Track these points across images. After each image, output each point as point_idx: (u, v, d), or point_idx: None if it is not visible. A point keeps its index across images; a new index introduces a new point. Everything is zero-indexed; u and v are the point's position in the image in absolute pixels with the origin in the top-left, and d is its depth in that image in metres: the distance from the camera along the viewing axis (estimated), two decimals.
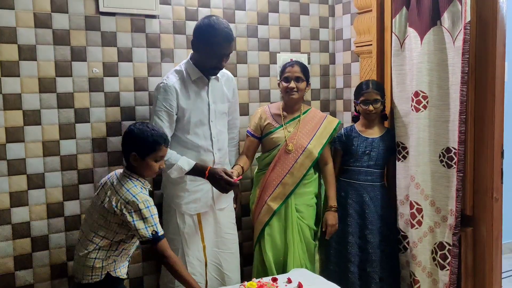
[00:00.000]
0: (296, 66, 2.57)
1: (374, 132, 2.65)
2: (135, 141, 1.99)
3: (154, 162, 2.01)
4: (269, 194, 2.57)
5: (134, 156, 1.99)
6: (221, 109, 2.46)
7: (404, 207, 2.59)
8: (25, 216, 2.32)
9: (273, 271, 2.54)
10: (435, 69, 2.37)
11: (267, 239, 2.57)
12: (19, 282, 2.32)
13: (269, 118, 2.62)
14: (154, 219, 1.93)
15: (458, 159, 2.29)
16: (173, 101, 2.27)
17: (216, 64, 2.31)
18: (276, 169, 2.58)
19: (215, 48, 2.24)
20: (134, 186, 1.97)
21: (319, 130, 2.63)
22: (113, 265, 2.03)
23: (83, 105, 2.43)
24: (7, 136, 2.26)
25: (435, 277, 2.44)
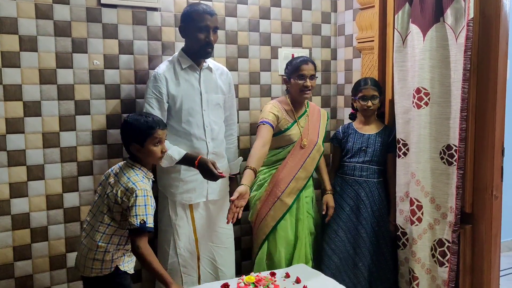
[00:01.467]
0: (310, 63, 2.56)
1: (371, 128, 2.67)
2: (131, 131, 2.02)
3: (153, 147, 2.02)
4: (282, 189, 2.56)
5: (135, 146, 2.01)
6: (214, 99, 2.47)
7: (404, 203, 2.59)
8: (24, 207, 2.32)
9: (282, 264, 2.55)
10: (437, 66, 2.36)
11: (281, 235, 2.57)
12: (18, 272, 2.32)
13: (284, 113, 2.61)
14: (147, 209, 1.91)
15: (458, 156, 2.28)
16: (163, 88, 2.32)
17: (205, 39, 2.33)
18: (289, 164, 2.58)
19: (200, 23, 2.30)
20: (135, 175, 1.98)
21: (321, 123, 2.70)
22: (122, 259, 2.04)
23: (84, 97, 2.43)
24: (7, 127, 2.26)
25: (434, 273, 2.44)
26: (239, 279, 2.13)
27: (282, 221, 2.57)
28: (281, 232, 2.57)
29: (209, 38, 2.34)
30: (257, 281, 2.08)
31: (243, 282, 2.09)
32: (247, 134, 2.91)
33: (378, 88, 2.63)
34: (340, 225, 2.63)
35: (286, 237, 2.59)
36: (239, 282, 2.10)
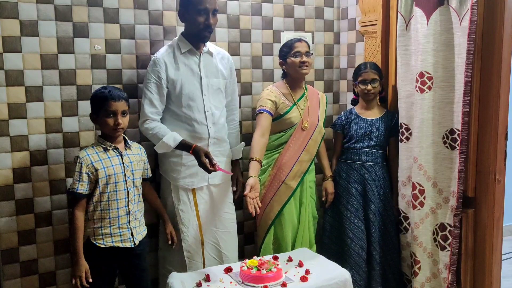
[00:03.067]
0: (303, 41, 2.58)
1: (373, 113, 2.67)
2: (91, 102, 2.17)
3: (106, 118, 2.11)
4: (286, 173, 2.56)
5: (93, 116, 2.17)
6: (214, 84, 2.46)
7: (406, 188, 2.59)
8: (28, 192, 2.33)
9: (289, 248, 2.57)
10: (440, 49, 2.35)
11: (287, 219, 2.58)
12: (23, 257, 2.34)
13: (282, 97, 2.60)
14: (76, 175, 2.06)
15: (461, 141, 2.28)
16: (162, 73, 2.32)
17: (204, 21, 2.31)
18: (292, 147, 2.58)
19: (198, 5, 2.28)
20: (88, 147, 2.15)
21: (320, 105, 2.70)
22: (92, 231, 2.12)
23: (85, 82, 2.42)
24: (9, 112, 2.26)
25: (436, 257, 2.46)
26: (242, 263, 2.14)
27: (288, 205, 2.58)
28: (287, 216, 2.58)
29: (208, 21, 2.32)
30: (260, 265, 2.10)
31: (246, 266, 2.11)
32: (249, 119, 2.90)
33: (379, 72, 2.63)
34: (352, 211, 2.61)
35: (292, 220, 2.60)
36: (242, 266, 2.12)
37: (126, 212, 2.16)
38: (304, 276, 2.11)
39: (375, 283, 2.60)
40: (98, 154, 2.12)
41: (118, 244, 2.14)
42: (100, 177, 2.08)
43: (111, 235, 2.13)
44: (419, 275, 2.51)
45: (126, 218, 2.16)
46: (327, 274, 2.15)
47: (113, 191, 2.12)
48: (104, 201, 2.11)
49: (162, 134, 2.29)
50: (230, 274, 2.16)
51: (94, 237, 2.12)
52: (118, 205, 2.13)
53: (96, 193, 2.10)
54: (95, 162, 2.09)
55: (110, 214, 2.12)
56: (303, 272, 2.15)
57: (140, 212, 2.26)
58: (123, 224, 2.15)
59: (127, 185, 2.16)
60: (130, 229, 2.17)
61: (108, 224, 2.12)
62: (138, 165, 2.23)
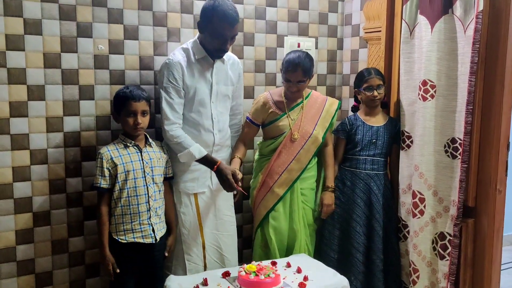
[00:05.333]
0: (299, 70, 2.44)
1: (378, 120, 2.64)
2: (114, 101, 2.25)
3: (127, 117, 2.18)
4: (274, 180, 2.55)
5: (114, 115, 2.26)
6: (223, 91, 2.46)
7: (406, 196, 2.58)
8: (27, 191, 2.32)
9: (277, 255, 2.55)
10: (444, 58, 2.34)
11: (272, 224, 2.57)
12: (20, 256, 2.33)
13: (273, 106, 2.57)
14: (98, 171, 2.16)
15: (463, 150, 2.27)
16: (180, 77, 2.30)
17: (220, 46, 2.30)
18: (282, 155, 2.56)
19: (218, 30, 2.24)
20: (110, 144, 2.24)
21: (322, 114, 2.61)
22: (115, 227, 2.18)
23: (88, 82, 2.41)
24: (11, 111, 2.25)
25: (435, 266, 2.45)
26: (240, 268, 2.14)
27: (273, 212, 2.57)
28: (272, 221, 2.57)
29: (225, 46, 2.31)
30: (258, 270, 2.09)
31: (244, 270, 2.10)
32: None
33: (382, 77, 2.61)
34: (357, 221, 2.57)
35: (279, 227, 2.57)
36: (240, 270, 2.11)
37: (147, 208, 2.20)
38: (302, 283, 2.10)
39: None
40: (119, 150, 2.20)
41: (139, 240, 2.19)
42: (119, 173, 2.15)
43: (132, 230, 2.18)
44: (418, 283, 2.49)
45: (147, 214, 2.20)
46: (325, 281, 2.15)
47: (132, 187, 2.17)
48: (124, 197, 2.16)
49: (188, 144, 2.28)
50: (228, 278, 2.15)
51: (116, 232, 2.18)
52: (139, 201, 2.18)
53: (116, 189, 2.16)
54: (115, 157, 2.17)
55: (131, 210, 2.17)
56: (301, 278, 2.14)
57: (161, 209, 2.30)
58: (144, 220, 2.19)
59: (146, 181, 2.20)
60: (151, 225, 2.22)
61: (129, 220, 2.18)
62: (158, 162, 2.27)
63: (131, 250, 2.20)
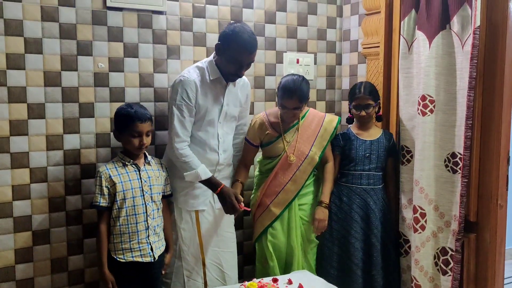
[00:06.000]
0: (295, 98, 2.41)
1: (371, 134, 2.62)
2: (116, 119, 2.23)
3: (131, 138, 2.16)
4: (271, 199, 2.55)
5: (116, 133, 2.22)
6: (232, 112, 2.47)
7: (407, 211, 2.57)
8: (26, 210, 2.31)
9: (276, 272, 2.53)
10: (442, 73, 2.36)
11: (270, 240, 2.56)
12: (20, 275, 2.31)
13: (269, 127, 2.55)
14: (97, 189, 2.15)
15: (463, 165, 2.27)
16: (193, 96, 2.29)
17: (236, 72, 2.31)
18: (278, 176, 2.55)
19: (236, 56, 2.25)
20: (109, 162, 2.23)
21: (319, 133, 2.58)
22: (113, 246, 2.17)
23: (88, 99, 2.42)
24: (11, 129, 2.25)
25: (437, 282, 2.43)
26: (241, 285, 2.12)
27: (270, 229, 2.55)
28: (270, 238, 2.56)
29: (240, 71, 2.32)
30: (259, 287, 2.07)
31: None
32: None
33: (373, 96, 2.56)
34: (356, 237, 2.55)
35: (278, 244, 2.56)
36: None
37: (145, 227, 2.19)
38: None
39: None
40: (117, 168, 2.19)
41: (138, 259, 2.18)
42: (118, 191, 2.14)
43: (131, 250, 2.16)
44: None
45: (145, 233, 2.19)
46: None
47: (131, 206, 2.16)
48: (123, 216, 2.15)
49: (196, 165, 2.28)
50: None
51: (114, 251, 2.17)
52: (137, 220, 2.16)
53: (115, 208, 2.15)
54: (114, 176, 2.16)
55: (129, 229, 2.16)
56: None
57: (160, 227, 2.28)
58: (142, 239, 2.18)
59: (145, 200, 2.19)
60: (149, 244, 2.20)
61: (128, 239, 2.16)
62: (157, 180, 2.26)
63: (130, 269, 2.18)
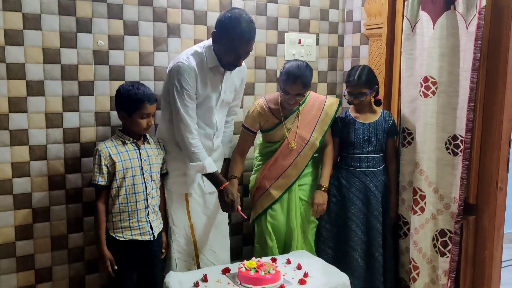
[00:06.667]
0: (298, 82, 2.35)
1: (369, 116, 2.59)
2: (122, 100, 2.17)
3: (140, 119, 2.15)
4: (271, 183, 2.55)
5: (122, 114, 2.17)
6: (228, 98, 2.45)
7: (406, 193, 2.58)
8: (26, 187, 2.31)
9: (275, 252, 2.54)
10: (446, 54, 2.33)
11: (269, 222, 2.56)
12: (20, 251, 2.33)
13: (269, 114, 2.52)
14: (95, 168, 2.13)
15: (464, 147, 2.26)
16: (194, 83, 2.23)
17: (233, 62, 2.26)
18: (278, 161, 2.54)
19: (233, 45, 2.19)
20: (107, 140, 2.20)
21: (320, 117, 2.55)
22: (112, 224, 2.16)
23: (87, 77, 2.40)
24: (10, 106, 2.24)
25: (435, 263, 2.44)
26: (240, 264, 2.13)
27: (269, 210, 2.56)
28: (269, 218, 2.56)
29: (238, 62, 2.26)
30: (258, 266, 2.08)
31: (244, 267, 2.09)
32: None
33: (369, 83, 2.49)
34: (353, 220, 2.55)
35: (277, 225, 2.56)
36: (240, 267, 2.10)
37: (145, 206, 2.19)
38: (302, 279, 2.09)
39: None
40: (117, 147, 2.17)
41: (137, 237, 2.18)
42: (117, 170, 2.13)
43: (130, 228, 2.17)
44: (418, 281, 2.49)
45: (145, 211, 2.20)
46: (325, 278, 2.14)
47: (131, 185, 2.16)
48: (123, 194, 2.15)
49: (203, 157, 2.26)
50: (227, 275, 2.14)
51: (113, 230, 2.17)
52: (137, 198, 2.17)
53: (114, 186, 2.14)
54: (113, 155, 2.14)
55: (129, 208, 2.16)
56: (301, 274, 2.13)
57: (158, 206, 2.29)
58: (142, 217, 2.19)
59: (144, 178, 2.19)
60: (149, 222, 2.21)
61: (127, 218, 2.17)
62: (156, 159, 2.26)
63: (129, 247, 2.19)
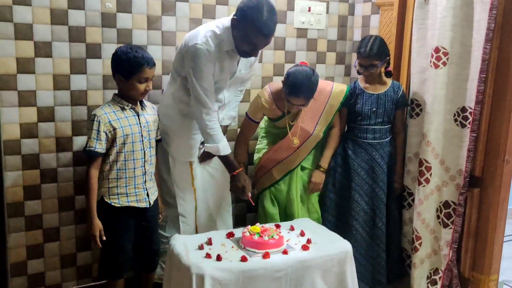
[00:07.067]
0: (301, 97, 2.31)
1: (378, 87, 2.57)
2: (119, 63, 2.08)
3: (138, 83, 2.08)
4: (273, 165, 2.57)
5: (119, 77, 2.09)
6: (242, 75, 2.43)
7: (412, 164, 2.58)
8: (34, 148, 2.33)
9: (277, 219, 2.58)
10: (459, 24, 2.29)
11: (272, 192, 2.60)
12: (28, 211, 2.36)
13: (272, 106, 2.48)
14: (93, 134, 2.03)
15: (473, 119, 2.25)
16: (211, 66, 2.19)
17: (249, 51, 2.20)
18: (282, 148, 2.55)
19: (251, 38, 2.12)
20: (104, 105, 2.12)
21: (324, 110, 2.53)
22: (107, 190, 2.12)
23: (95, 40, 2.38)
24: (18, 67, 2.24)
25: (438, 234, 2.46)
26: (245, 229, 2.15)
27: (272, 187, 2.60)
28: (272, 189, 2.61)
29: (254, 53, 2.20)
30: (262, 231, 2.11)
31: (248, 231, 2.12)
32: (258, 88, 2.85)
33: (380, 55, 2.45)
34: (357, 190, 2.56)
35: (279, 195, 2.60)
36: (244, 231, 2.13)
37: (143, 172, 2.17)
38: (305, 245, 2.11)
39: (380, 258, 2.58)
40: (116, 113, 2.10)
41: (134, 204, 2.16)
42: (118, 137, 2.08)
43: (126, 194, 2.15)
44: (420, 251, 2.52)
45: (143, 178, 2.18)
46: (328, 245, 2.16)
47: (130, 151, 2.12)
48: (121, 160, 2.11)
49: (219, 139, 2.27)
50: (232, 239, 2.17)
51: (108, 196, 2.12)
52: (135, 165, 2.14)
53: (113, 153, 2.09)
54: (113, 121, 2.08)
55: (126, 174, 2.13)
56: (304, 241, 2.16)
57: (154, 173, 2.29)
58: (139, 184, 2.17)
59: (143, 145, 2.16)
60: (146, 189, 2.20)
61: (124, 184, 2.14)
62: (153, 125, 2.24)
63: (124, 213, 2.15)
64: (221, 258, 1.96)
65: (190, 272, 1.87)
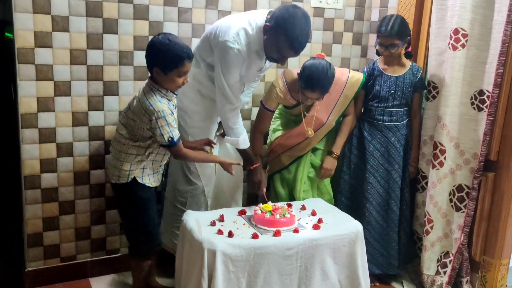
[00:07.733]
0: (317, 91, 2.28)
1: (397, 69, 2.54)
2: (158, 56, 1.99)
3: (177, 78, 2.02)
4: (283, 151, 2.58)
5: (157, 71, 2.01)
6: (267, 70, 2.47)
7: (427, 147, 2.56)
8: (51, 122, 2.36)
9: (285, 198, 2.60)
10: (480, 5, 2.25)
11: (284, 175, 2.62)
12: (45, 184, 2.41)
13: (287, 95, 2.46)
14: (169, 127, 2.01)
15: (490, 103, 2.22)
16: (240, 65, 2.19)
17: (276, 59, 2.20)
18: (292, 137, 2.56)
19: (281, 50, 2.11)
20: (152, 96, 2.02)
21: (339, 100, 2.51)
22: (141, 171, 2.13)
23: (111, 15, 2.38)
24: (36, 41, 2.25)
25: (450, 218, 2.46)
26: (256, 207, 2.17)
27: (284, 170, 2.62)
28: (284, 174, 2.62)
29: (281, 62, 2.21)
30: (273, 210, 2.13)
31: (260, 209, 2.14)
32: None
33: (401, 35, 2.41)
34: (371, 172, 2.56)
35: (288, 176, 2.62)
36: (256, 209, 2.15)
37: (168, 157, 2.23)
38: (316, 225, 2.13)
39: (394, 242, 2.59)
40: (168, 104, 2.05)
41: (155, 184, 2.22)
42: None
43: (154, 174, 2.19)
44: (431, 234, 2.52)
45: (166, 160, 2.24)
46: (339, 225, 2.18)
47: None
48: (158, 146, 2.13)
49: (239, 133, 2.30)
50: (243, 216, 2.20)
51: (142, 177, 2.13)
52: (166, 151, 2.17)
53: None
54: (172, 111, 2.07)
55: (161, 158, 2.18)
56: (315, 220, 2.18)
57: None
58: (162, 165, 2.23)
59: None
60: (164, 169, 2.26)
61: (158, 166, 2.20)
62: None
63: (152, 193, 2.22)
64: (232, 234, 1.99)
65: (202, 247, 1.90)
